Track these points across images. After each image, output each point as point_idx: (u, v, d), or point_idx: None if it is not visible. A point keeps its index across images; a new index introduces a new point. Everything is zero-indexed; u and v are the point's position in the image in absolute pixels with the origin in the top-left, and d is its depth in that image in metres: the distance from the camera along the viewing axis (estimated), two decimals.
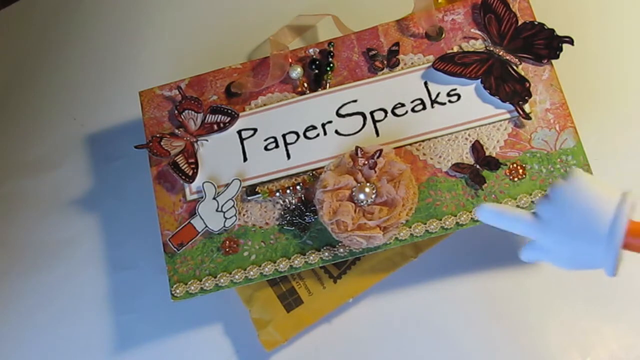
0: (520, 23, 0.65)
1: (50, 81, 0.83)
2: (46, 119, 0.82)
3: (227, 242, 0.63)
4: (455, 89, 0.64)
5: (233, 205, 0.63)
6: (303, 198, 0.63)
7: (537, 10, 0.65)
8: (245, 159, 0.65)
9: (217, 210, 0.63)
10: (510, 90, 0.62)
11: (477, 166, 0.61)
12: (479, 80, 0.63)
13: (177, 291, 0.63)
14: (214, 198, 0.64)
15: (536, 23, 0.64)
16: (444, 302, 0.68)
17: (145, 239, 0.73)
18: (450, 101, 0.63)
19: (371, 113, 0.64)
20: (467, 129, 0.62)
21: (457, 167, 0.61)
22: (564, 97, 0.63)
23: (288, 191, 0.63)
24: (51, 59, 0.84)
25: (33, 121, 0.82)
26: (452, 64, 0.64)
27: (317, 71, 0.66)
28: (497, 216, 0.49)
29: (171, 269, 0.64)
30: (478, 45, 0.65)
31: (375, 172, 0.60)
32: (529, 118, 0.62)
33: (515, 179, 0.61)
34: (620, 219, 0.43)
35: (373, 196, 0.60)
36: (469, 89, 0.64)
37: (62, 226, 0.77)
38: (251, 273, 0.62)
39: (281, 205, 0.63)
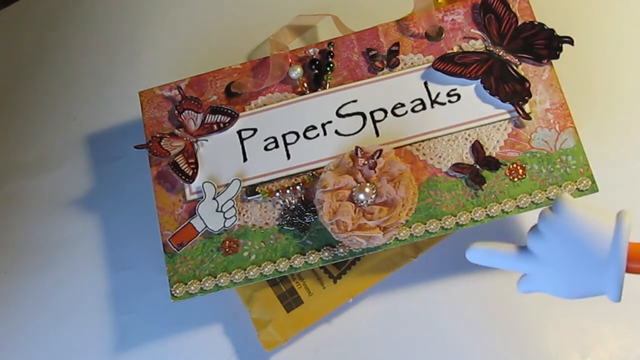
0: (520, 23, 0.65)
1: (50, 81, 0.83)
2: (46, 119, 0.82)
3: (227, 242, 0.63)
4: (455, 89, 0.64)
5: (233, 206, 0.63)
6: (303, 198, 0.63)
7: (537, 10, 0.65)
8: (245, 159, 0.65)
9: (217, 211, 0.63)
10: (510, 90, 0.62)
11: (477, 166, 0.61)
12: (479, 80, 0.63)
13: (177, 291, 0.63)
14: (214, 198, 0.64)
15: (536, 23, 0.64)
16: (444, 302, 0.68)
17: (145, 239, 0.73)
18: (450, 101, 0.63)
19: (371, 113, 0.64)
20: (467, 129, 0.62)
21: (457, 167, 0.61)
22: (564, 97, 0.63)
23: (288, 191, 0.63)
24: (51, 59, 0.84)
25: (33, 121, 0.82)
26: (452, 64, 0.64)
27: (317, 71, 0.66)
28: (488, 257, 0.48)
29: (171, 269, 0.64)
30: (478, 45, 0.65)
31: (375, 172, 0.60)
32: (529, 118, 0.62)
33: (515, 179, 0.61)
34: (620, 242, 0.42)
35: (373, 196, 0.60)
36: (469, 89, 0.64)
37: (62, 226, 0.77)
38: (251, 273, 0.62)
39: (281, 205, 0.63)
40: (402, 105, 0.64)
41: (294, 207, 0.63)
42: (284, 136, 0.65)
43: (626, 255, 0.42)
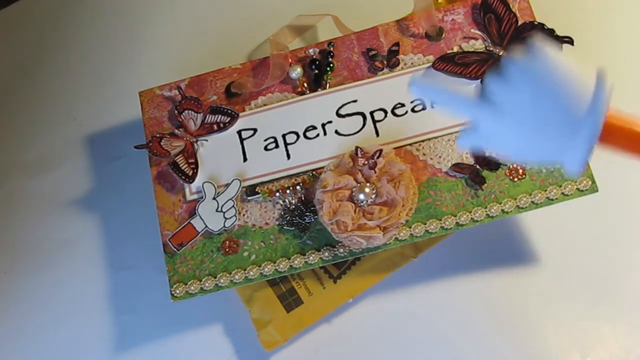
0: (520, 23, 0.65)
1: (50, 81, 0.83)
2: (46, 119, 0.82)
3: (227, 242, 0.63)
4: None
5: (233, 206, 0.63)
6: (303, 198, 0.63)
7: (537, 10, 0.65)
8: (245, 159, 0.65)
9: (217, 211, 0.63)
10: None
11: (477, 166, 0.61)
12: (479, 80, 0.63)
13: (177, 291, 0.63)
14: (214, 198, 0.64)
15: (536, 23, 0.64)
16: (444, 302, 0.68)
17: (145, 239, 0.73)
18: None
19: (371, 113, 0.64)
20: None
21: (457, 167, 0.61)
22: None
23: (288, 191, 0.63)
24: (51, 59, 0.84)
25: (33, 121, 0.82)
26: (452, 64, 0.64)
27: (317, 71, 0.66)
28: (432, 90, 0.41)
29: (171, 269, 0.64)
30: (478, 45, 0.65)
31: (375, 172, 0.60)
32: None
33: (515, 179, 0.61)
34: (601, 100, 0.34)
35: (373, 196, 0.60)
36: (469, 89, 0.63)
37: (62, 226, 0.76)
38: (251, 273, 0.62)
39: (281, 205, 0.63)
40: (402, 105, 0.64)
41: (294, 207, 0.63)
42: (284, 136, 0.65)
43: (604, 118, 0.34)
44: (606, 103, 0.34)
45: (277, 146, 0.65)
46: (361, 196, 0.59)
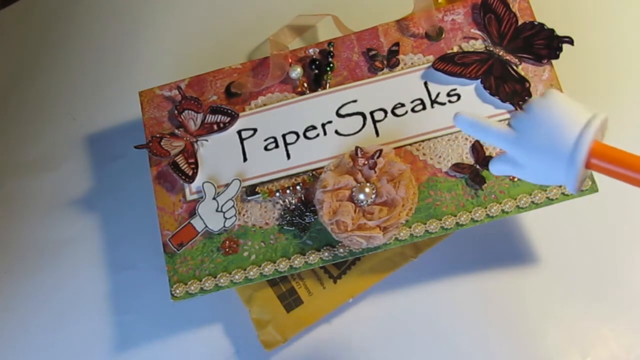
0: (520, 23, 0.65)
1: (50, 81, 0.83)
2: (46, 119, 0.82)
3: (227, 242, 0.63)
4: (455, 89, 0.64)
5: (233, 206, 0.63)
6: (303, 198, 0.63)
7: (537, 10, 0.65)
8: (245, 159, 0.65)
9: (217, 211, 0.63)
10: (510, 90, 0.62)
11: (477, 166, 0.61)
12: (479, 80, 0.63)
13: (177, 291, 0.63)
14: (214, 198, 0.64)
15: (536, 23, 0.64)
16: (444, 302, 0.68)
17: (145, 239, 0.73)
18: (450, 101, 0.63)
19: (371, 113, 0.64)
20: None
21: (457, 167, 0.61)
22: None
23: (288, 191, 0.63)
24: (51, 58, 0.84)
25: (33, 121, 0.82)
26: (452, 64, 0.64)
27: (317, 71, 0.66)
28: (472, 126, 0.49)
29: (171, 269, 0.64)
30: (478, 45, 0.65)
31: (375, 172, 0.60)
32: None
33: (515, 179, 0.61)
34: (584, 137, 0.44)
35: (373, 196, 0.60)
36: (469, 89, 0.64)
37: (62, 226, 0.77)
38: (251, 273, 0.62)
39: (281, 205, 0.63)
40: (402, 105, 0.64)
41: (294, 207, 0.63)
42: (284, 136, 0.65)
43: (587, 150, 0.44)
44: (589, 137, 0.43)
45: (277, 146, 0.65)
46: (361, 196, 0.59)
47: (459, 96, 0.63)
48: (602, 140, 0.46)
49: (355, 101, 0.65)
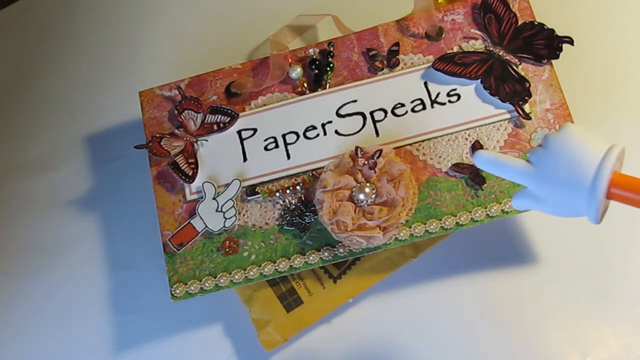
0: (520, 23, 0.65)
1: (49, 81, 0.83)
2: (46, 119, 0.82)
3: (227, 242, 0.63)
4: (455, 89, 0.64)
5: (233, 206, 0.63)
6: (303, 198, 0.63)
7: (537, 10, 0.65)
8: (245, 159, 0.65)
9: (217, 211, 0.63)
10: (510, 90, 0.62)
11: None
12: (479, 80, 0.63)
13: (177, 291, 0.63)
14: (214, 198, 0.64)
15: (536, 23, 0.64)
16: (444, 302, 0.68)
17: (145, 239, 0.73)
18: (450, 101, 0.63)
19: (371, 113, 0.64)
20: (467, 129, 0.62)
21: (457, 167, 0.62)
22: (564, 97, 0.63)
23: (288, 191, 0.63)
24: (51, 59, 0.84)
25: (32, 121, 0.82)
26: (452, 64, 0.64)
27: (317, 71, 0.66)
28: (492, 164, 0.50)
29: (171, 269, 0.64)
30: (478, 45, 0.65)
31: (375, 172, 0.60)
32: (529, 118, 0.62)
33: None
34: (604, 169, 0.44)
35: (373, 196, 0.60)
36: (469, 89, 0.64)
37: (61, 226, 0.76)
38: (251, 273, 0.62)
39: (281, 205, 0.63)
40: (402, 105, 0.64)
41: (294, 207, 0.63)
42: (284, 136, 0.65)
43: (607, 181, 0.44)
44: (608, 169, 0.44)
45: (277, 146, 0.65)
46: (361, 196, 0.59)
47: (459, 96, 0.63)
48: (620, 170, 0.47)
49: (355, 101, 0.65)
